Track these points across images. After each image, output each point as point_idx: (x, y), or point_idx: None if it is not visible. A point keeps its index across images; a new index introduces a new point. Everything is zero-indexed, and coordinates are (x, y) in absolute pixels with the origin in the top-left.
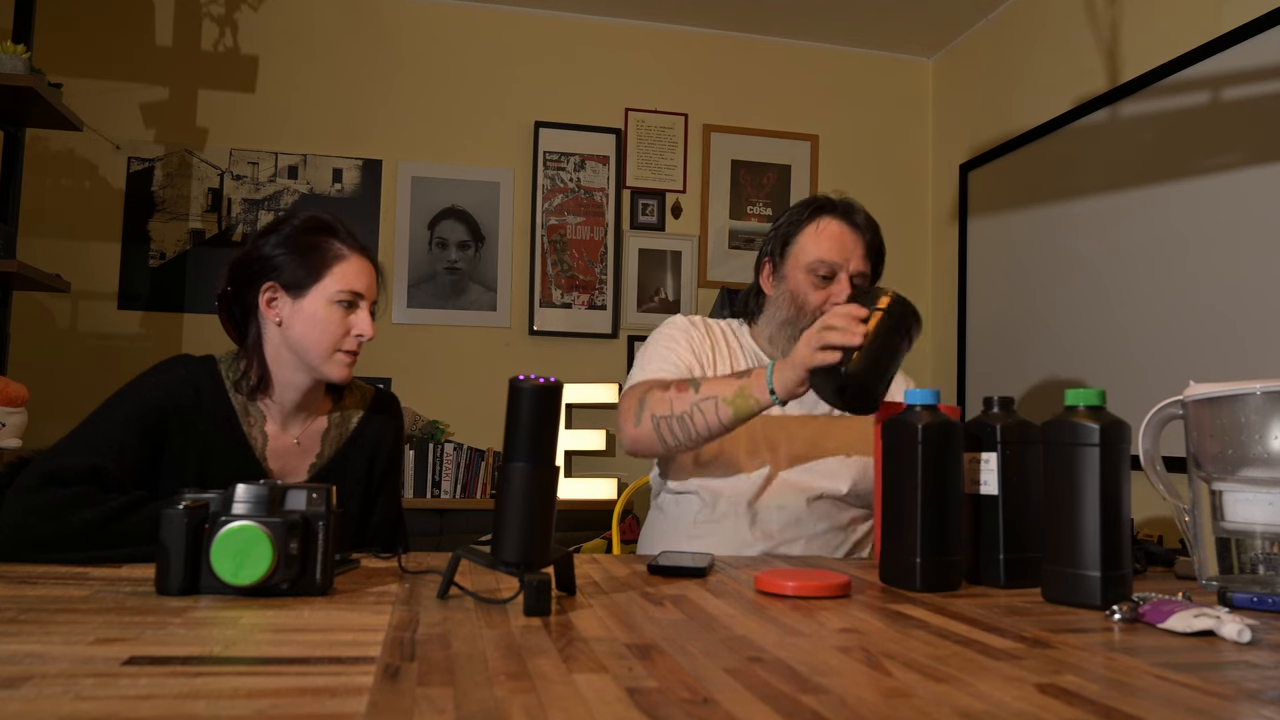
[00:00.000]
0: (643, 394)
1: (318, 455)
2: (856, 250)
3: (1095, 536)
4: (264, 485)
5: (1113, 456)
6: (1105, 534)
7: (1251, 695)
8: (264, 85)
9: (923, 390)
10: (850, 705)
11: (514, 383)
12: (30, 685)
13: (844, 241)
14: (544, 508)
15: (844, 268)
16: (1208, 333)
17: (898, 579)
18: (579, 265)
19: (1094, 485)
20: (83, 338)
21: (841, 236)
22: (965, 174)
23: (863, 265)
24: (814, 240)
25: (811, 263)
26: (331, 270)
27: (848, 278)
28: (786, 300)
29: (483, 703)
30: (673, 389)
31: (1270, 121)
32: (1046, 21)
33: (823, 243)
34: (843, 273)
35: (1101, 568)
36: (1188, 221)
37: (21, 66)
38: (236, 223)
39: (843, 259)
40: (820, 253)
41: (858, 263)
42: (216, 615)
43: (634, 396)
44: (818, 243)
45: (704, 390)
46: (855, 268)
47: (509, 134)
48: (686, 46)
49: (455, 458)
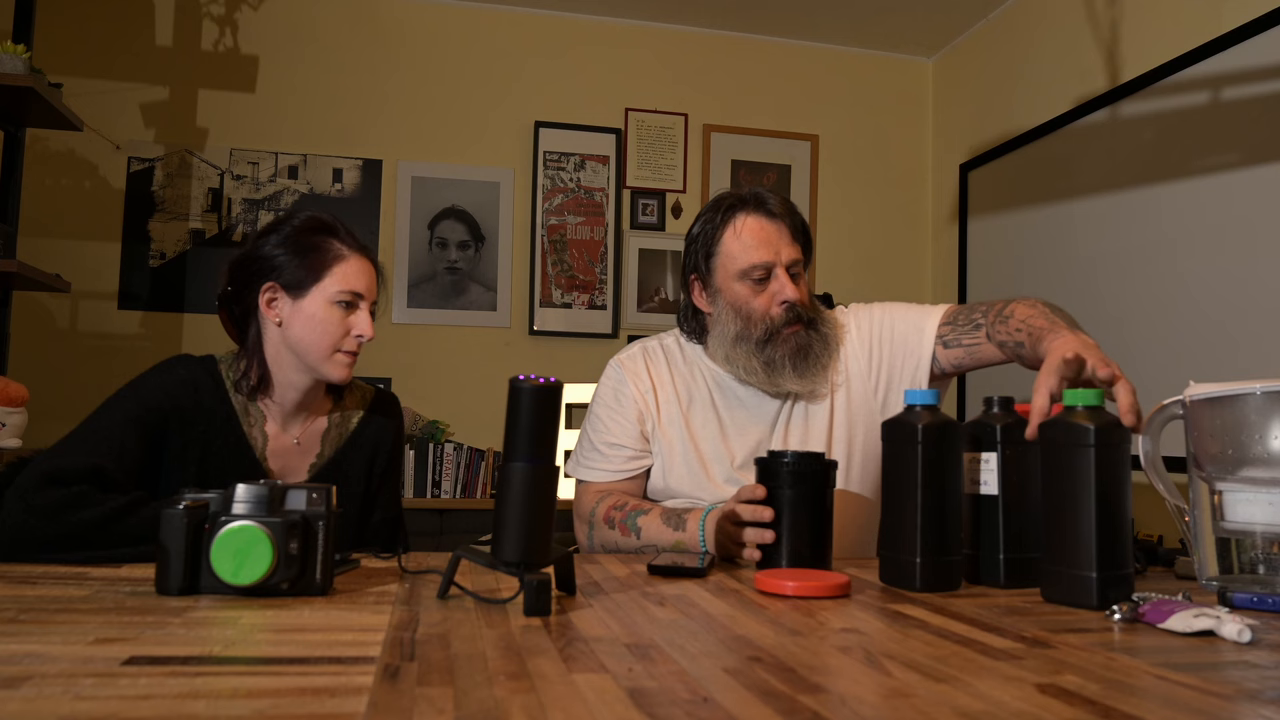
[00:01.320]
0: (589, 519)
1: (318, 455)
2: (783, 240)
3: (1092, 537)
4: (264, 485)
5: (1110, 457)
6: (1102, 535)
7: (1251, 695)
8: (264, 85)
9: (923, 390)
10: (850, 705)
11: (514, 383)
12: (30, 685)
13: (767, 236)
14: (544, 508)
15: (777, 263)
16: (1207, 333)
17: (898, 579)
18: (579, 265)
19: (1090, 486)
20: (83, 338)
21: (763, 231)
22: (965, 174)
23: (794, 252)
24: (737, 244)
25: (742, 269)
26: (332, 270)
27: (784, 271)
28: (730, 315)
29: (483, 703)
30: (617, 530)
31: (1270, 121)
32: (1046, 21)
33: (747, 245)
34: (777, 268)
35: (1098, 568)
36: (1187, 221)
37: (21, 66)
38: (236, 223)
39: (772, 255)
40: (748, 257)
41: (788, 252)
42: (216, 615)
43: (583, 518)
44: (742, 246)
45: (644, 536)
46: (787, 258)
47: (509, 134)
48: (686, 46)
49: (455, 458)
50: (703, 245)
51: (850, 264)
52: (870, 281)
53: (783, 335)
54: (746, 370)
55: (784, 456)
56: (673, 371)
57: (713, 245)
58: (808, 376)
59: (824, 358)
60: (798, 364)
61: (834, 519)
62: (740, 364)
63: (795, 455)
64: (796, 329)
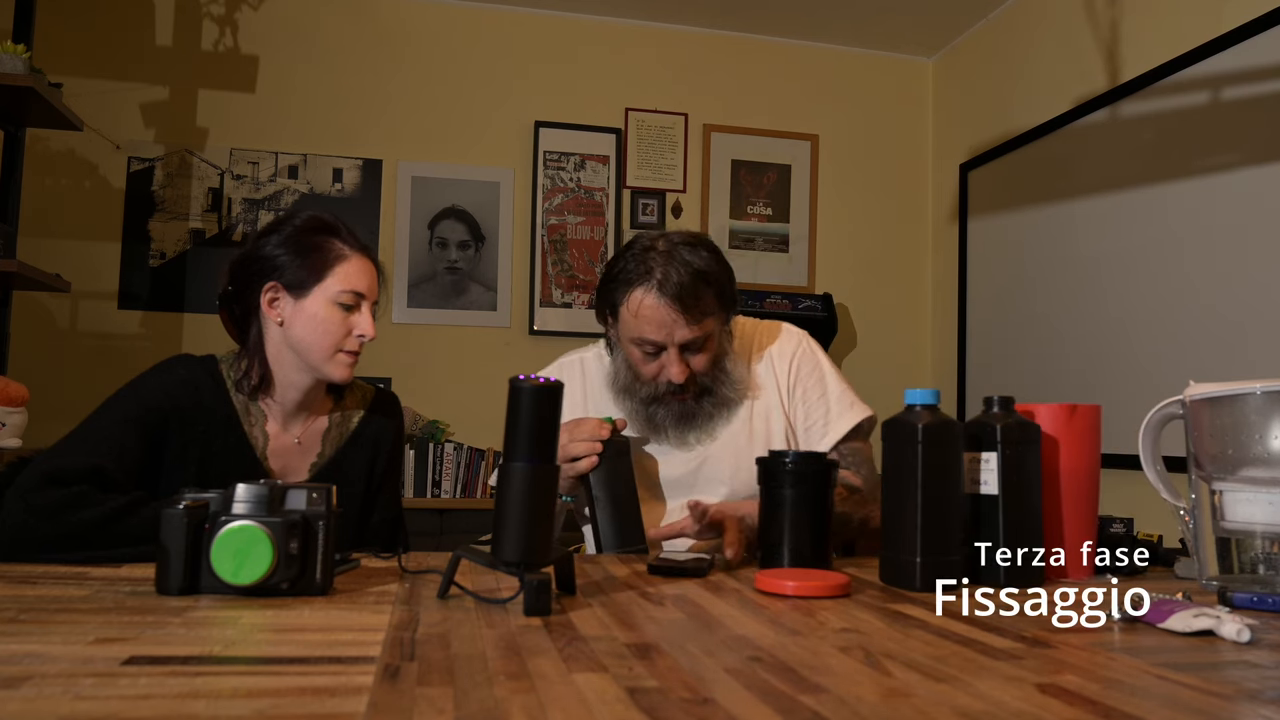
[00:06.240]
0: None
1: (318, 455)
2: (677, 325)
3: (916, 525)
4: (264, 485)
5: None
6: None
7: (1251, 695)
8: (264, 85)
9: (923, 390)
10: (850, 705)
11: (514, 383)
12: (30, 685)
13: (660, 319)
14: (544, 508)
15: (669, 344)
16: (1208, 332)
17: (898, 579)
18: (579, 265)
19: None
20: (83, 338)
21: (657, 314)
22: (965, 174)
23: (689, 334)
24: (633, 319)
25: (636, 339)
26: (333, 270)
27: (675, 351)
28: (624, 365)
29: (483, 703)
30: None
31: (1270, 121)
32: (1046, 21)
33: (641, 323)
34: (669, 348)
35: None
36: (1187, 221)
37: (21, 66)
38: (236, 222)
39: (664, 337)
40: (640, 332)
41: (682, 334)
42: (216, 615)
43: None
44: (637, 323)
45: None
46: (680, 339)
47: (509, 134)
48: (686, 46)
49: (455, 458)
50: (607, 299)
51: (850, 264)
52: (870, 281)
53: (666, 400)
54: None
55: (785, 456)
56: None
57: (616, 303)
58: (689, 437)
59: (715, 418)
60: (681, 427)
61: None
62: (627, 410)
63: (796, 455)
64: (683, 399)
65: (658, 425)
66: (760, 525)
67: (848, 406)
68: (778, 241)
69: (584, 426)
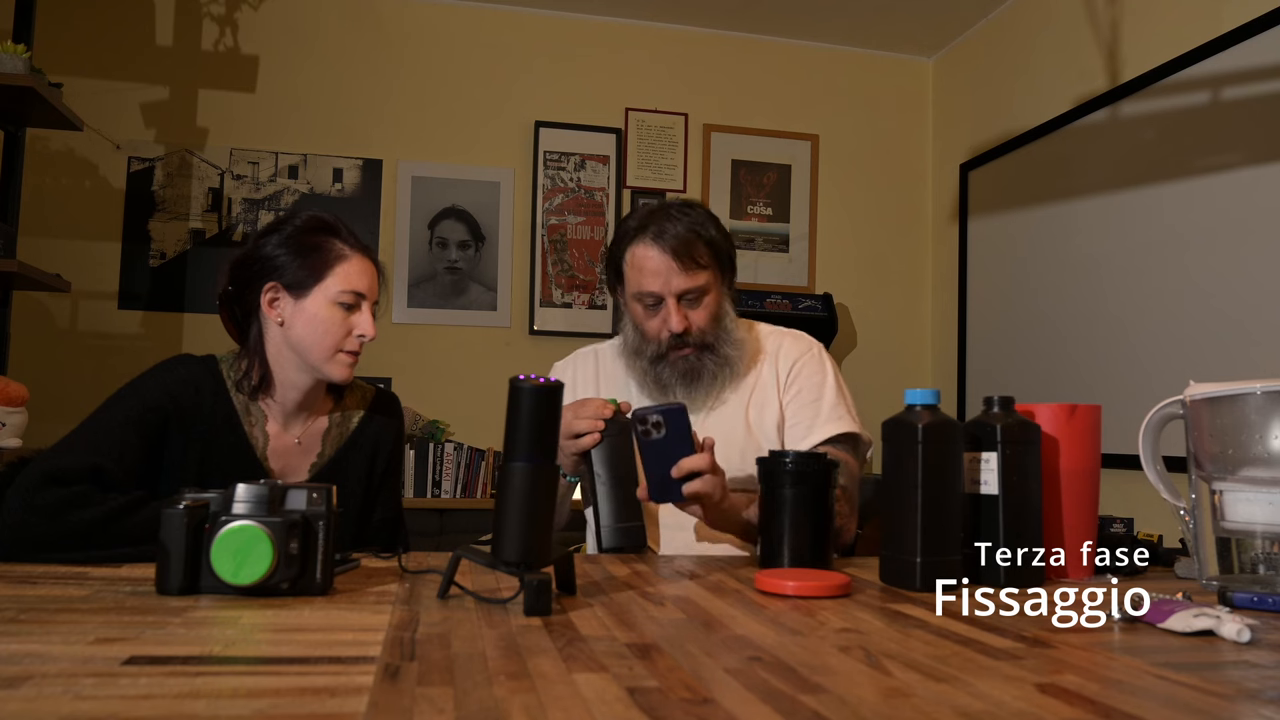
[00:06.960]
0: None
1: (319, 455)
2: (672, 273)
3: (916, 525)
4: (264, 485)
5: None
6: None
7: (1251, 695)
8: (264, 85)
9: (923, 390)
10: (850, 705)
11: (514, 382)
12: (30, 685)
13: (656, 269)
14: (544, 508)
15: (666, 294)
16: (1208, 332)
17: (898, 579)
18: (579, 265)
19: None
20: (83, 338)
21: (652, 262)
22: (965, 174)
23: (686, 282)
24: (633, 272)
25: (637, 294)
26: (334, 270)
27: (673, 301)
28: (631, 328)
29: (483, 702)
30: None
31: (1270, 121)
32: (1046, 21)
33: (640, 275)
34: (667, 299)
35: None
36: (1188, 221)
37: (21, 66)
38: (237, 222)
39: (662, 288)
40: (640, 285)
41: (679, 284)
42: (216, 615)
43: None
44: (637, 275)
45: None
46: (677, 289)
47: (509, 134)
48: (686, 46)
49: (455, 458)
50: (612, 262)
51: (850, 264)
52: (870, 281)
53: (671, 358)
54: (640, 385)
55: (785, 456)
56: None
57: (619, 263)
58: (697, 396)
59: (720, 377)
60: (687, 384)
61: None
62: (635, 378)
63: (796, 455)
64: (686, 353)
65: (665, 384)
66: (760, 525)
67: (838, 416)
68: (778, 241)
69: (588, 405)
